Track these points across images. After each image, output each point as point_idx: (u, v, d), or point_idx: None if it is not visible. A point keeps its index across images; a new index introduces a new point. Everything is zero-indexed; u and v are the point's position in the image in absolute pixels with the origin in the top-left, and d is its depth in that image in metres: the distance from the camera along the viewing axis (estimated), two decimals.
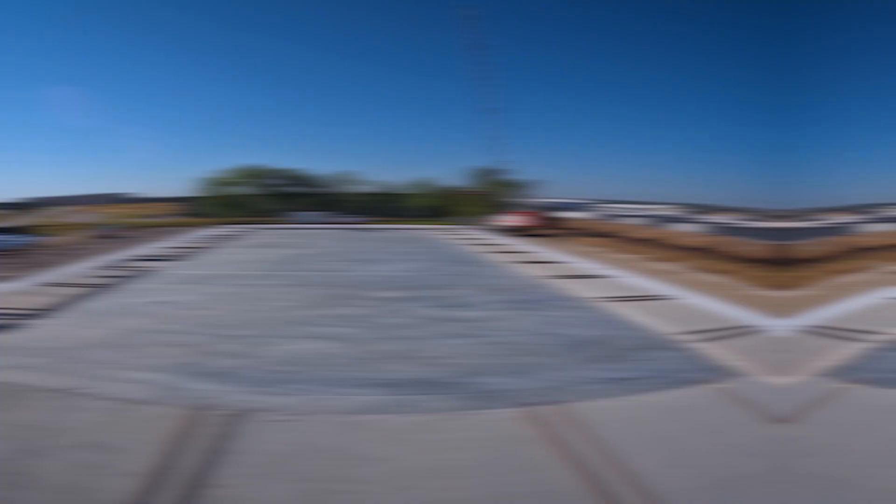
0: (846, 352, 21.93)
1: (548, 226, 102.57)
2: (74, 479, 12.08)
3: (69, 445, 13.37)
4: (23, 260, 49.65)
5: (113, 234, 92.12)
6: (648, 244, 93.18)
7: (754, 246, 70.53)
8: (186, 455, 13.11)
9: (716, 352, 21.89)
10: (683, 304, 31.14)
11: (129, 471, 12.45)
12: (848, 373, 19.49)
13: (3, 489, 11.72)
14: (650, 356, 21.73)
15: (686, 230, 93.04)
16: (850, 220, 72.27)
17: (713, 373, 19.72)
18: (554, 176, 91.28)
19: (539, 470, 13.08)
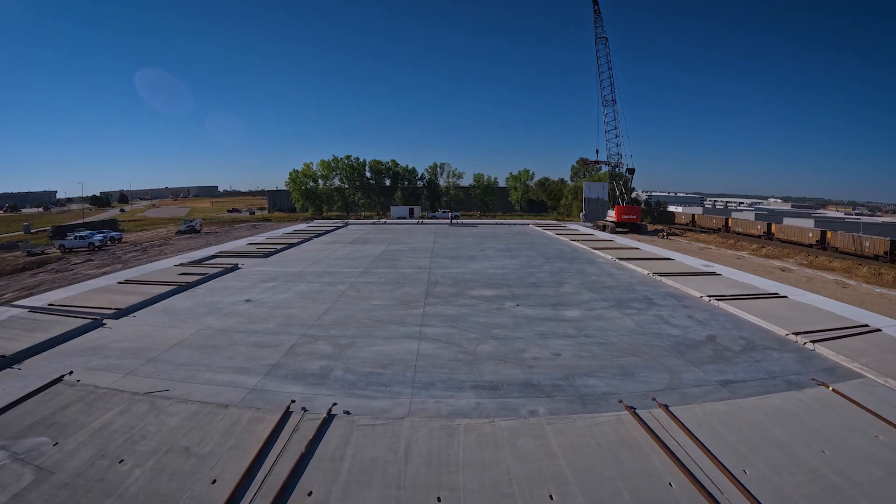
0: None
1: (654, 221, 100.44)
2: (157, 487, 12.43)
3: (153, 451, 13.79)
4: (106, 257, 52.26)
5: (199, 229, 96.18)
6: (759, 240, 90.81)
7: (871, 241, 68.57)
8: (275, 461, 13.30)
9: (831, 353, 21.23)
10: (797, 302, 29.74)
11: (214, 477, 12.76)
12: None
13: (85, 496, 12.17)
14: (761, 357, 21.18)
15: (799, 225, 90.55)
16: None
17: (827, 375, 19.23)
18: (662, 170, 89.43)
19: (645, 475, 12.79)
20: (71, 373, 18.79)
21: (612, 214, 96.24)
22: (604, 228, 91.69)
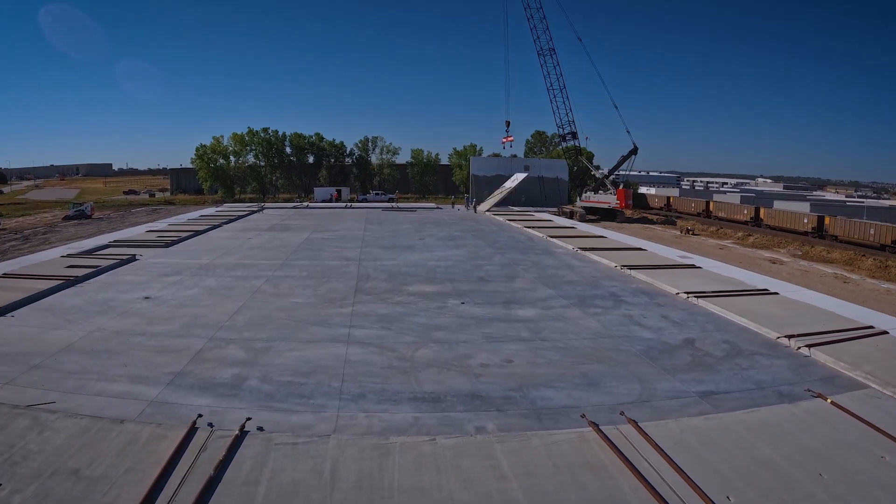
0: None
1: (629, 206, 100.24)
2: None
3: (35, 473, 13.37)
4: None
5: (89, 214, 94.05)
6: (745, 226, 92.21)
7: (877, 228, 69.23)
8: (179, 485, 13.07)
9: (829, 359, 21.45)
10: (790, 299, 30.41)
11: None
12: None
13: None
14: (747, 364, 21.40)
15: (792, 209, 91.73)
16: None
17: (825, 384, 19.39)
18: (639, 147, 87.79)
19: (611, 502, 12.87)
20: None
21: (586, 201, 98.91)
22: (570, 215, 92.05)
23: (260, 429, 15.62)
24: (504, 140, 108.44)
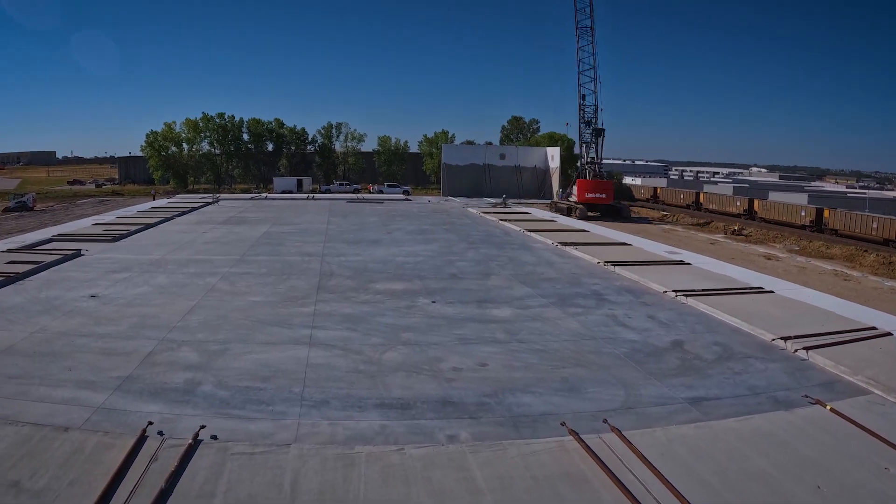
0: None
1: (610, 198, 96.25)
2: None
3: None
4: None
5: (31, 206, 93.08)
6: (738, 219, 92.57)
7: (880, 222, 69.48)
8: (128, 499, 12.96)
9: (829, 362, 21.52)
10: (786, 298, 30.69)
11: None
12: None
13: None
14: (740, 368, 21.47)
15: (789, 201, 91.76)
16: None
17: (824, 390, 19.41)
18: (614, 132, 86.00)
19: None
20: None
21: (569, 195, 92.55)
22: (567, 212, 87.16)
23: (214, 437, 15.51)
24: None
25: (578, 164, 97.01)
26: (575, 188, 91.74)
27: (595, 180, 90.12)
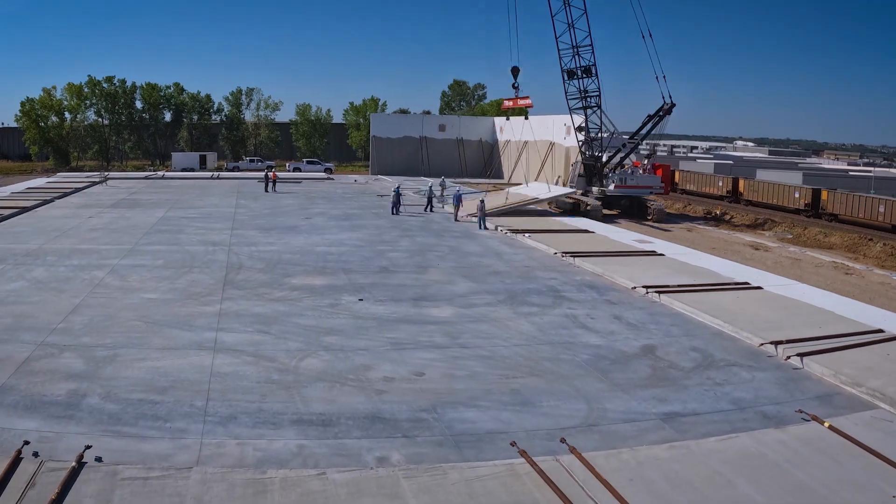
0: None
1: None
2: None
3: None
4: None
5: None
6: (720, 202, 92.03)
7: (887, 205, 68.45)
8: None
9: (827, 371, 21.59)
10: (777, 295, 31.15)
11: None
12: None
13: None
14: (723, 378, 21.59)
15: (780, 181, 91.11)
16: None
17: (821, 404, 19.44)
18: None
19: None
20: None
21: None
22: (577, 210, 70.97)
23: (98, 459, 15.26)
24: (513, 102, 75.59)
25: (579, 143, 79.20)
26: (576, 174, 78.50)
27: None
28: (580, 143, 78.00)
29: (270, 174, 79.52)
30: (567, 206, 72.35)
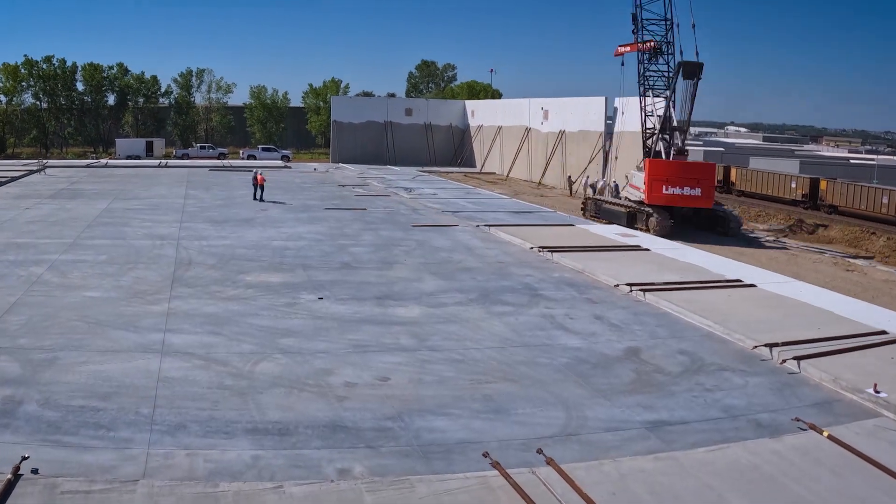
0: None
1: (708, 196, 65.78)
2: None
3: None
4: None
5: None
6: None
7: (888, 195, 67.12)
8: None
9: (826, 376, 21.61)
10: (772, 294, 31.34)
11: None
12: None
13: None
14: (713, 383, 21.62)
15: (775, 169, 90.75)
16: None
17: (821, 412, 19.43)
18: (550, 84, 72.20)
19: None
20: None
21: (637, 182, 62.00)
22: (633, 221, 59.24)
23: (35, 471, 15.13)
24: (625, 48, 65.39)
25: (649, 133, 64.34)
26: (635, 177, 63.55)
27: (680, 161, 61.91)
28: (650, 132, 63.44)
29: (258, 176, 62.23)
30: (615, 216, 61.03)
